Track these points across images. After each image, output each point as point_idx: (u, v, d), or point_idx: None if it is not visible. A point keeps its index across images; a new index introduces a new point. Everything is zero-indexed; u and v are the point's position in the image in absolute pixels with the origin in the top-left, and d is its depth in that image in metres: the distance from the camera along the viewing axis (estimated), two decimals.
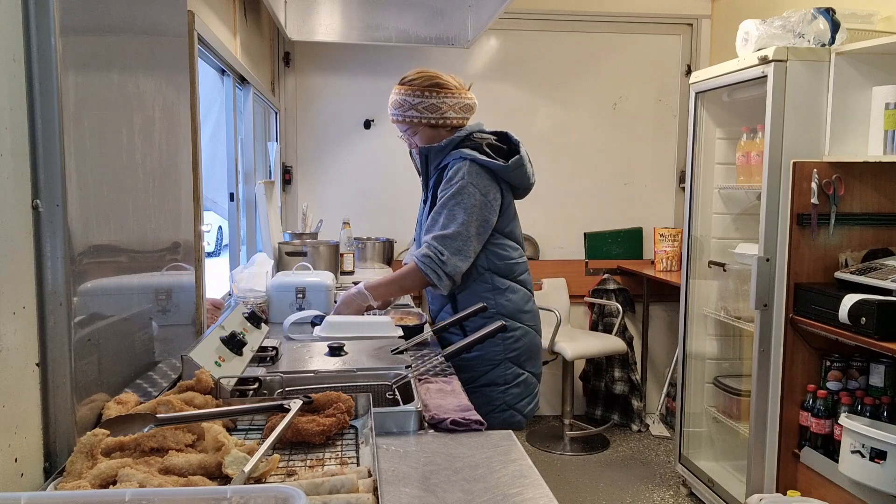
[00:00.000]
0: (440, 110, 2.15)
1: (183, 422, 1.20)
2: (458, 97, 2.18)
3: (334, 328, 2.17)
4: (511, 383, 2.16)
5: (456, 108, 2.17)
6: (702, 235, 3.37)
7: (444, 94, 2.16)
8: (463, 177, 2.09)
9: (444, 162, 2.17)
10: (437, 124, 2.17)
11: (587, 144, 4.51)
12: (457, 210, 2.08)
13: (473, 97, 2.23)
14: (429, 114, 2.15)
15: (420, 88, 2.15)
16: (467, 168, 2.10)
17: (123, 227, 1.39)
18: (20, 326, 1.06)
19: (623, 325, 4.36)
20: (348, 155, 4.36)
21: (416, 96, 2.15)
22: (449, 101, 2.16)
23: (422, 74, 2.18)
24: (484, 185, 2.11)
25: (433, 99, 2.15)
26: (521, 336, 2.19)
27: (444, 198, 2.10)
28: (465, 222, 2.08)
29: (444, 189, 2.12)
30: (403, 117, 2.18)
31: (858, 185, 2.67)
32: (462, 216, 2.08)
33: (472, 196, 2.09)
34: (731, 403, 3.26)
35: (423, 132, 2.19)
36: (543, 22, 4.38)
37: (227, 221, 3.15)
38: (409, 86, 2.16)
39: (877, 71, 2.60)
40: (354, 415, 1.38)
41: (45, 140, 1.09)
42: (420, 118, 2.16)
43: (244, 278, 2.63)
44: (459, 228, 2.08)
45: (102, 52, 1.32)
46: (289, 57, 4.24)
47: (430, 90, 2.15)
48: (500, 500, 1.14)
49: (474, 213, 2.09)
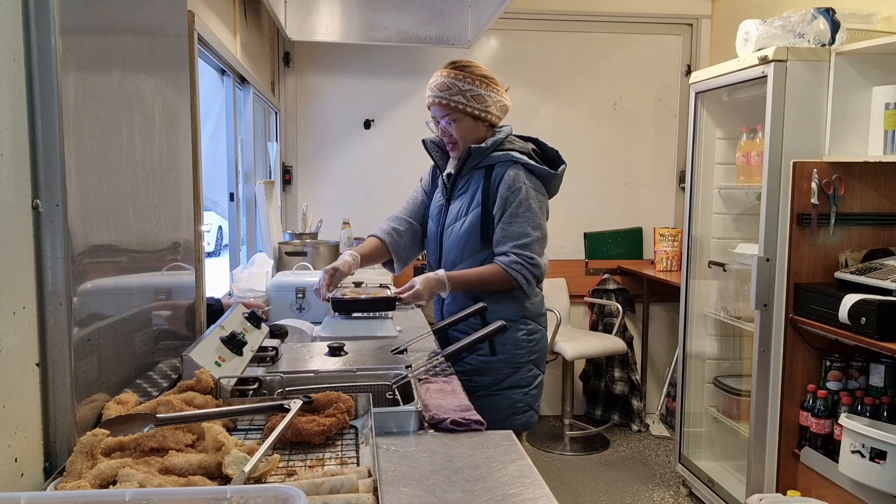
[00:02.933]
0: (485, 103, 2.12)
1: (183, 422, 1.20)
2: (501, 96, 2.17)
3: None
4: (532, 385, 2.18)
5: (498, 105, 2.16)
6: (702, 235, 3.37)
7: (492, 88, 2.14)
8: (524, 182, 2.10)
9: (486, 163, 2.14)
10: (479, 116, 2.12)
11: (587, 144, 4.51)
12: (530, 215, 2.09)
13: (509, 100, 2.22)
14: (475, 104, 2.10)
15: (472, 76, 2.11)
16: (525, 174, 2.11)
17: (123, 227, 1.39)
18: (20, 326, 1.06)
19: (623, 325, 4.36)
20: (348, 155, 4.36)
21: (466, 83, 2.10)
22: (494, 96, 2.14)
23: (473, 63, 2.16)
24: (539, 190, 2.15)
25: (482, 90, 2.11)
26: (540, 339, 2.22)
27: (513, 205, 2.09)
28: (539, 226, 2.12)
29: (506, 195, 2.09)
30: (448, 101, 2.10)
31: (858, 185, 2.67)
32: (536, 220, 2.11)
33: (537, 199, 2.12)
34: (731, 403, 3.26)
35: (464, 122, 2.12)
36: (543, 22, 4.38)
37: (227, 221, 3.15)
38: (462, 71, 2.12)
39: (877, 71, 2.60)
40: (354, 415, 1.38)
41: (45, 140, 1.09)
42: (466, 105, 2.10)
43: (244, 278, 2.63)
44: (538, 233, 2.11)
45: (102, 52, 1.32)
46: (289, 57, 4.24)
47: (482, 80, 2.12)
48: (500, 500, 1.14)
49: (542, 216, 2.14)
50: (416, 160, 4.11)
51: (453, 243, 2.18)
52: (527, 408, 2.17)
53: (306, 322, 2.32)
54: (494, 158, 2.13)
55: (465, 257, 2.17)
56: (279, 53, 4.23)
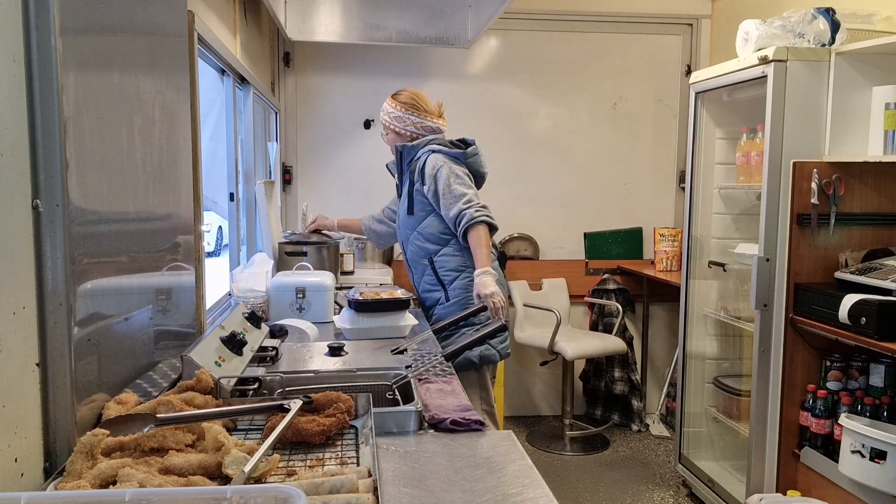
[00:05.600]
0: (404, 123, 2.74)
1: (183, 422, 1.20)
2: (423, 117, 2.73)
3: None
4: (483, 322, 2.47)
5: (418, 125, 2.73)
6: (702, 235, 3.37)
7: (412, 112, 2.72)
8: (443, 163, 2.61)
9: (416, 156, 2.69)
10: (398, 132, 2.76)
11: (587, 144, 4.51)
12: (459, 182, 2.58)
13: (442, 123, 2.77)
14: (396, 123, 2.75)
15: (398, 103, 2.74)
16: (441, 157, 2.63)
17: (123, 227, 1.39)
18: (20, 326, 1.06)
19: (623, 325, 4.36)
20: (348, 155, 4.36)
21: (391, 107, 2.75)
22: (414, 118, 2.73)
23: (407, 92, 2.77)
24: (459, 165, 2.65)
25: (401, 112, 2.73)
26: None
27: (443, 177, 2.57)
28: (471, 186, 2.62)
29: (432, 173, 2.59)
30: (382, 119, 2.80)
31: (858, 185, 2.67)
32: (467, 183, 2.61)
33: (459, 169, 2.62)
34: (731, 403, 3.26)
35: (389, 135, 2.79)
36: (543, 22, 4.38)
37: (227, 221, 3.15)
38: (393, 98, 2.77)
39: (877, 71, 2.60)
40: (354, 415, 1.39)
41: (45, 140, 1.09)
42: (390, 123, 2.76)
43: (244, 278, 2.63)
44: (472, 191, 2.59)
45: (102, 52, 1.32)
46: (289, 57, 4.24)
47: (404, 106, 2.72)
48: (500, 500, 1.14)
49: (467, 179, 2.63)
50: None
51: (401, 224, 2.80)
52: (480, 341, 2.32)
53: (307, 322, 2.32)
54: (419, 153, 2.69)
55: (409, 230, 2.72)
56: (279, 53, 4.23)
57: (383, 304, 2.28)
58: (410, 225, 2.71)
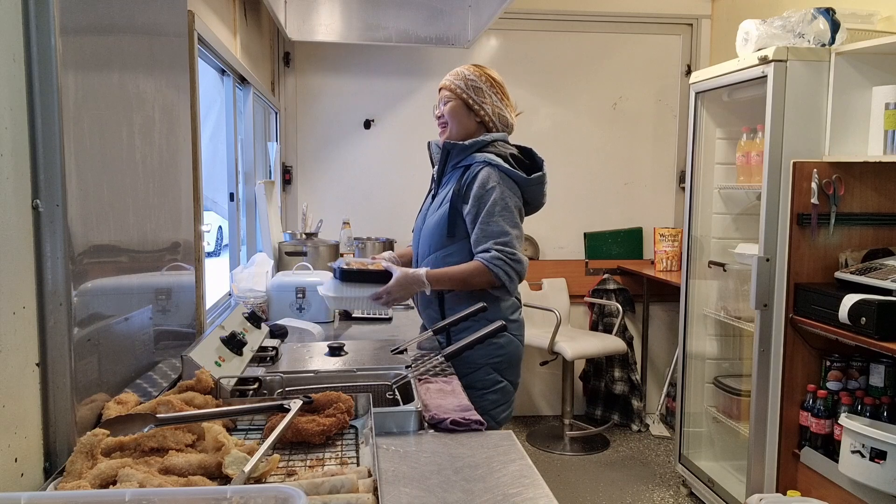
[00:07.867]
0: (482, 98, 2.19)
1: (183, 422, 1.20)
2: (503, 104, 2.24)
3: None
4: (489, 389, 2.12)
5: (495, 109, 2.21)
6: (702, 235, 3.37)
7: (495, 91, 2.22)
8: (497, 182, 2.10)
9: (465, 163, 2.17)
10: (470, 106, 2.19)
11: (587, 144, 4.51)
12: (507, 214, 2.10)
13: (513, 119, 2.27)
14: (472, 94, 2.19)
15: (483, 74, 2.22)
16: (498, 175, 2.11)
17: (123, 227, 1.39)
18: (20, 326, 1.06)
19: (623, 325, 4.36)
20: (348, 155, 4.36)
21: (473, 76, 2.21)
22: (495, 99, 2.21)
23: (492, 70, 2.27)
24: (514, 192, 2.14)
25: (484, 86, 2.20)
26: (504, 344, 2.15)
27: (488, 203, 2.09)
28: (517, 224, 2.13)
29: (479, 194, 2.10)
30: (451, 83, 2.21)
31: (858, 185, 2.67)
32: (513, 219, 2.11)
33: (511, 199, 2.12)
34: (731, 403, 3.26)
35: (455, 104, 2.20)
36: (543, 22, 4.38)
37: (227, 221, 3.15)
38: (477, 68, 2.25)
39: (877, 71, 2.60)
40: (354, 415, 1.38)
41: (45, 140, 1.09)
42: (463, 91, 2.19)
43: (244, 278, 2.63)
44: (516, 231, 2.12)
45: (102, 52, 1.32)
46: (289, 57, 4.24)
47: (489, 80, 2.22)
48: (500, 500, 1.14)
49: (516, 214, 2.13)
50: (416, 160, 4.13)
51: (426, 236, 2.23)
52: (481, 411, 1.95)
53: (308, 322, 2.32)
54: (471, 159, 2.16)
55: (433, 251, 2.19)
56: (279, 53, 4.23)
57: (369, 274, 2.14)
58: (439, 243, 2.19)
